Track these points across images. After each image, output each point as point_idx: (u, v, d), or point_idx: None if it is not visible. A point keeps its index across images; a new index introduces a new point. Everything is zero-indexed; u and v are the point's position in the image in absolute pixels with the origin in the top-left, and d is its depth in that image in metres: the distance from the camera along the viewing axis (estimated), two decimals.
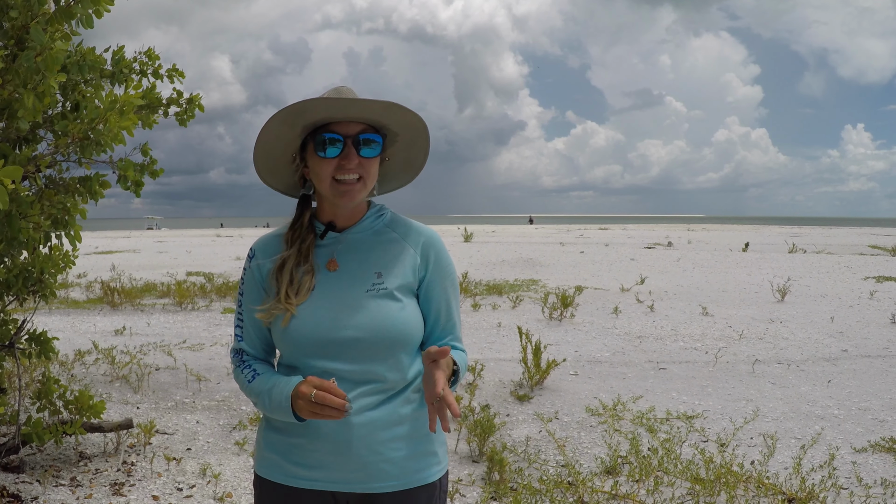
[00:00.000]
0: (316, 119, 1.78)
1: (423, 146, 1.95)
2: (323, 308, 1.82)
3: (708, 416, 6.01)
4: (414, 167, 2.02)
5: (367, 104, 1.75)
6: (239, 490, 4.52)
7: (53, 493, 4.36)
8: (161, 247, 34.85)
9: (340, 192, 1.81)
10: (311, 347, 1.81)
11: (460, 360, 1.88)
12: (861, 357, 8.34)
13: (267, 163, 1.89)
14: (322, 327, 1.80)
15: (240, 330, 1.94)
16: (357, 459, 1.81)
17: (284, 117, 1.76)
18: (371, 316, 1.81)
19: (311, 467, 1.84)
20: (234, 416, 6.07)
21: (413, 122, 1.85)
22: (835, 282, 15.91)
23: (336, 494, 1.86)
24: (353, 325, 1.80)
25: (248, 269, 1.94)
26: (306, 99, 1.74)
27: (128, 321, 11.00)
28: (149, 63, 4.79)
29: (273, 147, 1.85)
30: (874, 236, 43.29)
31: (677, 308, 12.15)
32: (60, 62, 3.06)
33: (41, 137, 4.31)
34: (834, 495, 4.32)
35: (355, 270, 1.87)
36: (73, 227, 4.05)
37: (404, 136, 1.90)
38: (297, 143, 1.86)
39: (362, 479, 1.82)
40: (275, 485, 1.88)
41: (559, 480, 4.56)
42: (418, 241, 1.94)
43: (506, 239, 39.06)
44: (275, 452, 1.88)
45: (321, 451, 1.82)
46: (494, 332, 10.08)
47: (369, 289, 1.84)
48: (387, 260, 1.89)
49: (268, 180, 1.95)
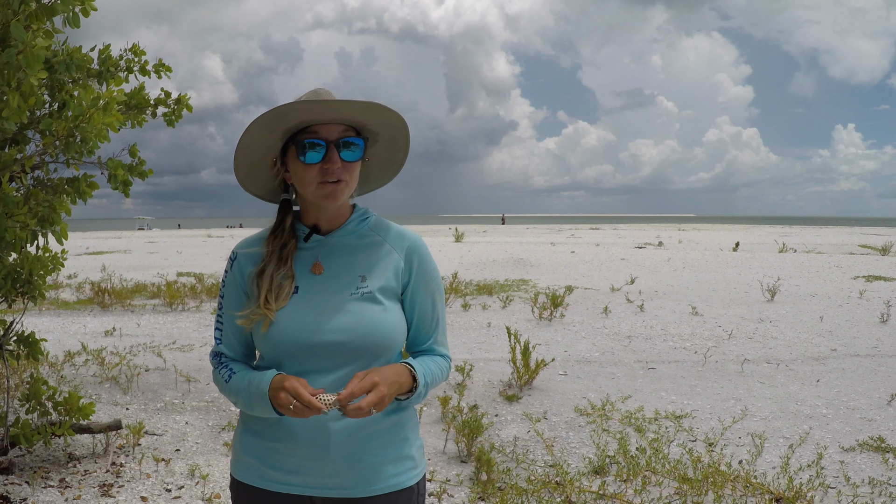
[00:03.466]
0: (297, 122, 1.78)
1: (403, 145, 1.96)
2: (307, 311, 1.82)
3: (696, 416, 6.03)
4: (394, 166, 2.03)
5: (348, 105, 1.75)
6: (227, 491, 4.51)
7: (42, 495, 4.35)
8: (152, 247, 34.74)
9: (324, 193, 1.81)
10: (292, 351, 1.81)
11: (429, 373, 1.88)
12: (850, 356, 8.38)
13: (247, 168, 1.89)
14: (305, 331, 1.80)
15: (219, 333, 1.94)
16: (334, 464, 1.82)
17: (265, 122, 1.76)
18: (354, 319, 1.81)
19: (289, 472, 1.84)
20: (223, 416, 6.06)
21: (393, 121, 1.85)
22: (824, 281, 15.97)
23: (314, 499, 1.87)
24: (337, 329, 1.80)
25: (230, 273, 1.94)
26: (286, 103, 1.73)
27: (118, 322, 10.97)
28: (135, 60, 4.77)
29: (254, 152, 1.84)
30: (864, 236, 43.47)
31: (667, 308, 12.18)
32: (41, 59, 3.04)
33: (29, 138, 4.30)
34: (822, 494, 4.34)
35: (340, 274, 1.87)
36: (58, 224, 4.04)
37: (385, 135, 1.90)
38: (277, 147, 1.86)
39: (340, 484, 1.83)
40: (252, 488, 1.89)
41: (547, 480, 4.57)
42: (402, 245, 1.94)
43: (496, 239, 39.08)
44: (252, 456, 1.89)
45: (298, 455, 1.83)
46: (484, 332, 10.09)
47: (353, 292, 1.84)
48: (371, 263, 1.89)
49: (248, 186, 1.95)
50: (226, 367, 1.90)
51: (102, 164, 4.27)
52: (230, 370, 1.88)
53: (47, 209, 3.93)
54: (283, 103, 1.74)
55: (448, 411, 5.79)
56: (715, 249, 28.10)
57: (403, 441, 1.91)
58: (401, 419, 1.91)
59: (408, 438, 1.93)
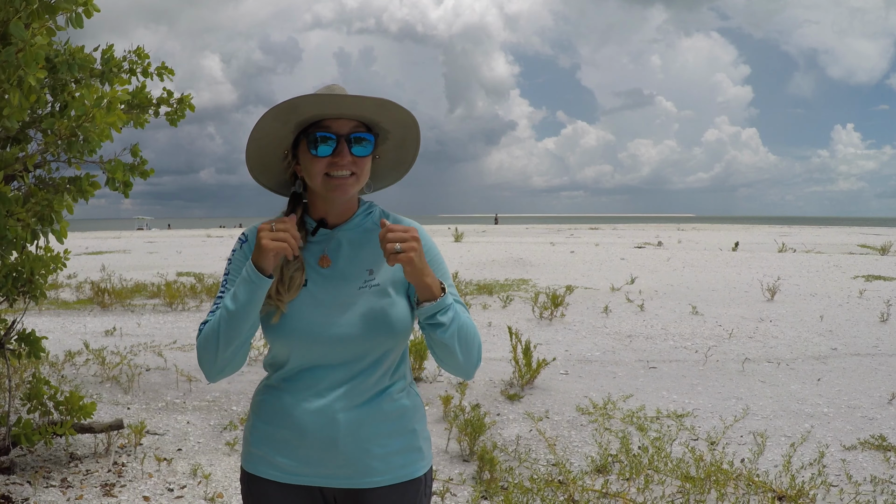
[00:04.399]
0: (309, 116, 1.79)
1: (413, 145, 1.96)
2: (316, 305, 1.82)
3: (698, 415, 6.03)
4: (404, 165, 2.03)
5: (359, 101, 1.76)
6: (230, 490, 4.52)
7: (44, 495, 4.34)
8: (151, 247, 34.72)
9: (333, 185, 1.81)
10: (301, 343, 1.81)
11: (458, 306, 1.82)
12: (850, 355, 8.39)
13: (259, 160, 1.89)
14: (315, 324, 1.80)
15: (216, 307, 1.87)
16: (343, 455, 1.82)
17: (277, 114, 1.76)
18: (362, 313, 1.82)
19: (299, 462, 1.85)
20: (224, 416, 6.06)
21: (405, 119, 1.86)
22: (824, 281, 15.97)
23: (324, 490, 1.88)
24: (345, 322, 1.81)
25: (239, 252, 1.91)
26: (299, 95, 1.74)
27: (118, 322, 10.96)
28: (138, 62, 4.77)
29: (265, 144, 1.85)
30: (864, 235, 43.47)
31: (667, 307, 12.19)
32: (41, 58, 3.04)
33: (31, 137, 4.30)
34: (823, 493, 4.34)
35: (347, 268, 1.88)
36: (59, 222, 4.03)
37: (395, 133, 1.90)
38: (289, 140, 1.86)
39: (349, 475, 1.84)
40: (262, 480, 1.89)
41: (549, 479, 4.57)
42: None
43: (496, 239, 39.07)
44: (262, 447, 1.89)
45: (308, 446, 1.83)
46: (485, 331, 10.08)
47: (361, 286, 1.85)
48: (377, 256, 1.89)
49: (259, 178, 1.95)
50: (212, 313, 1.83)
51: (103, 164, 4.26)
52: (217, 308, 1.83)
53: (46, 207, 3.93)
54: (297, 96, 1.74)
55: (450, 410, 5.79)
56: (714, 249, 28.11)
57: (411, 432, 1.92)
58: (408, 410, 1.92)
59: (415, 430, 1.93)
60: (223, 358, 1.78)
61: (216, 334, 1.77)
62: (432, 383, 7.09)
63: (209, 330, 1.79)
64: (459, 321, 1.80)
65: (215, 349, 1.77)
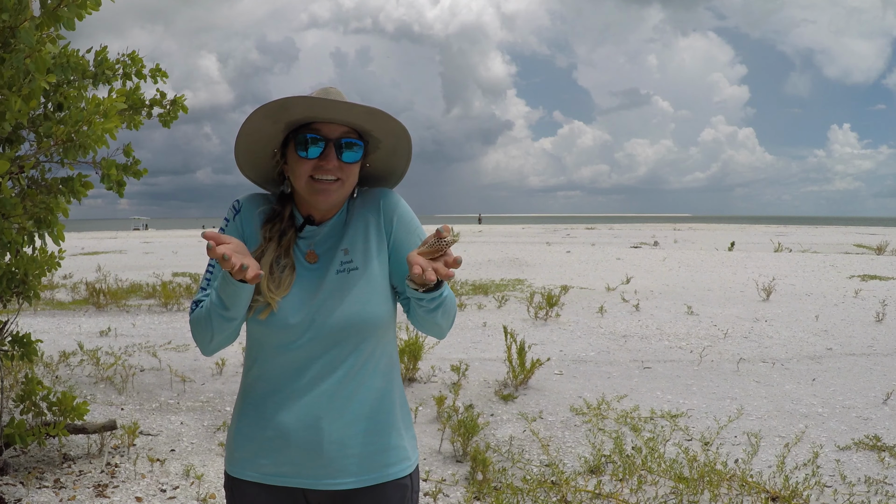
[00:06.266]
0: (299, 117, 1.78)
1: (404, 155, 1.95)
2: (303, 301, 1.81)
3: (692, 415, 6.04)
4: (395, 176, 2.02)
5: (350, 107, 1.75)
6: (223, 491, 4.51)
7: (37, 495, 4.33)
8: (147, 247, 34.69)
9: (316, 189, 1.81)
10: (285, 338, 1.80)
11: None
12: (845, 355, 8.40)
13: (247, 156, 1.89)
14: (299, 319, 1.79)
15: (206, 283, 1.87)
16: (327, 459, 1.81)
17: (267, 112, 1.76)
18: (340, 301, 1.80)
19: (282, 463, 1.84)
20: (218, 416, 6.05)
21: (396, 130, 1.84)
22: (820, 280, 16.00)
23: (307, 492, 1.86)
24: (325, 311, 1.79)
25: (232, 223, 1.90)
26: (290, 95, 1.74)
27: (113, 322, 10.94)
28: (132, 66, 4.77)
29: (254, 141, 1.85)
30: (860, 235, 43.57)
31: (662, 307, 12.19)
32: (48, 64, 3.05)
33: (24, 138, 4.29)
34: (818, 493, 4.35)
35: (330, 258, 1.87)
36: (55, 226, 4.03)
37: (387, 143, 1.89)
38: (278, 138, 1.86)
39: (330, 475, 1.83)
40: (246, 483, 1.88)
41: (542, 480, 4.57)
42: (376, 202, 1.92)
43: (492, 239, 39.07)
44: (246, 450, 1.88)
45: (292, 446, 1.82)
46: (479, 331, 10.08)
47: (339, 269, 1.84)
48: (352, 234, 1.88)
49: (247, 173, 1.95)
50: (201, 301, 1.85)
51: (97, 164, 4.26)
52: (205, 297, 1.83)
53: (44, 210, 3.92)
54: (289, 96, 1.74)
55: (443, 411, 5.79)
56: (710, 249, 28.15)
57: (391, 428, 1.90)
58: (386, 406, 1.89)
59: (399, 430, 1.92)
60: (217, 341, 1.81)
61: (209, 323, 1.77)
62: (426, 384, 7.09)
63: (202, 317, 1.79)
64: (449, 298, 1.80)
65: (210, 335, 1.79)
